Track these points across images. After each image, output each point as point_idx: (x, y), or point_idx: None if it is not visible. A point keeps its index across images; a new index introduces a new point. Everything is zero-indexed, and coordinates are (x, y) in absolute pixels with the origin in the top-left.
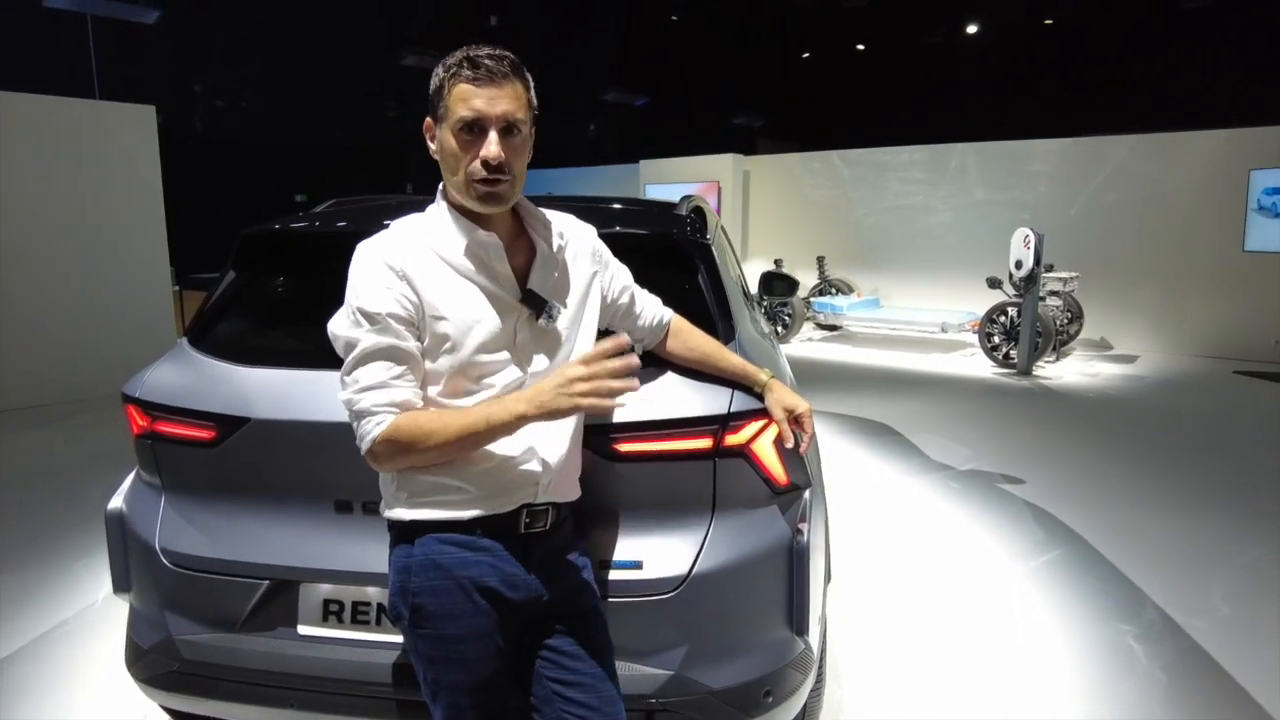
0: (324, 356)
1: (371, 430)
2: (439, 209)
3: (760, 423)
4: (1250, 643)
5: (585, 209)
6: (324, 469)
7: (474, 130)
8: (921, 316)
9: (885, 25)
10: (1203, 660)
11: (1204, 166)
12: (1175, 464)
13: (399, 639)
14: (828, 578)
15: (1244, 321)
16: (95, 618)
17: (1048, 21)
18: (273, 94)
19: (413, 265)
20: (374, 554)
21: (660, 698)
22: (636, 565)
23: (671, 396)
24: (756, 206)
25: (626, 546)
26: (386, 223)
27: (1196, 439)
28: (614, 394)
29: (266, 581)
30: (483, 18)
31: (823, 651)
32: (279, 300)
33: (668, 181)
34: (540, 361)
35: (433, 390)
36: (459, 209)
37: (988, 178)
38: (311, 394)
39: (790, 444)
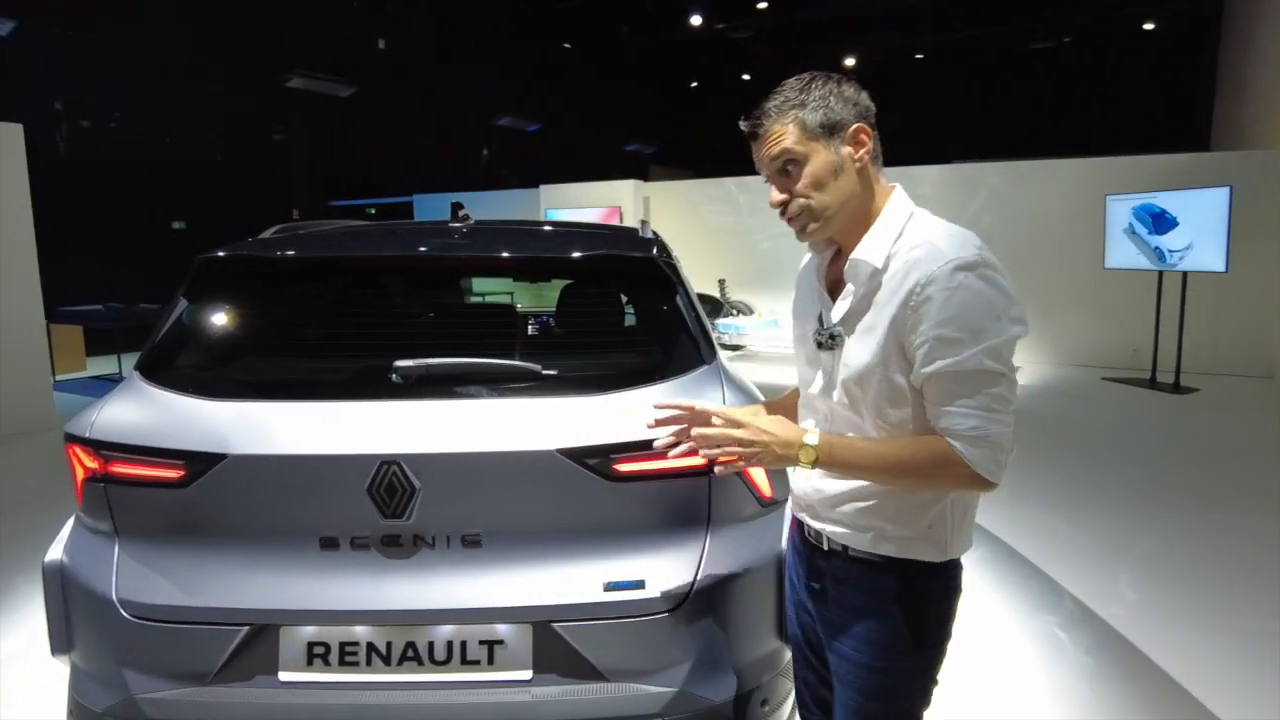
0: (302, 388)
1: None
2: None
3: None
4: (1158, 623)
5: (556, 234)
6: (308, 505)
7: (770, 179)
8: None
9: (770, 57)
10: (1120, 642)
11: (1067, 192)
12: (1067, 465)
13: (390, 678)
14: None
15: (1106, 333)
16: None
17: (919, 56)
18: (147, 114)
19: None
20: (364, 591)
21: (666, 715)
22: (639, 585)
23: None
24: (657, 231)
25: (628, 566)
26: (352, 254)
27: (1079, 441)
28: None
29: (245, 628)
30: (371, 41)
31: None
32: (244, 329)
33: (569, 206)
34: (817, 383)
35: None
36: None
37: None
38: (295, 427)
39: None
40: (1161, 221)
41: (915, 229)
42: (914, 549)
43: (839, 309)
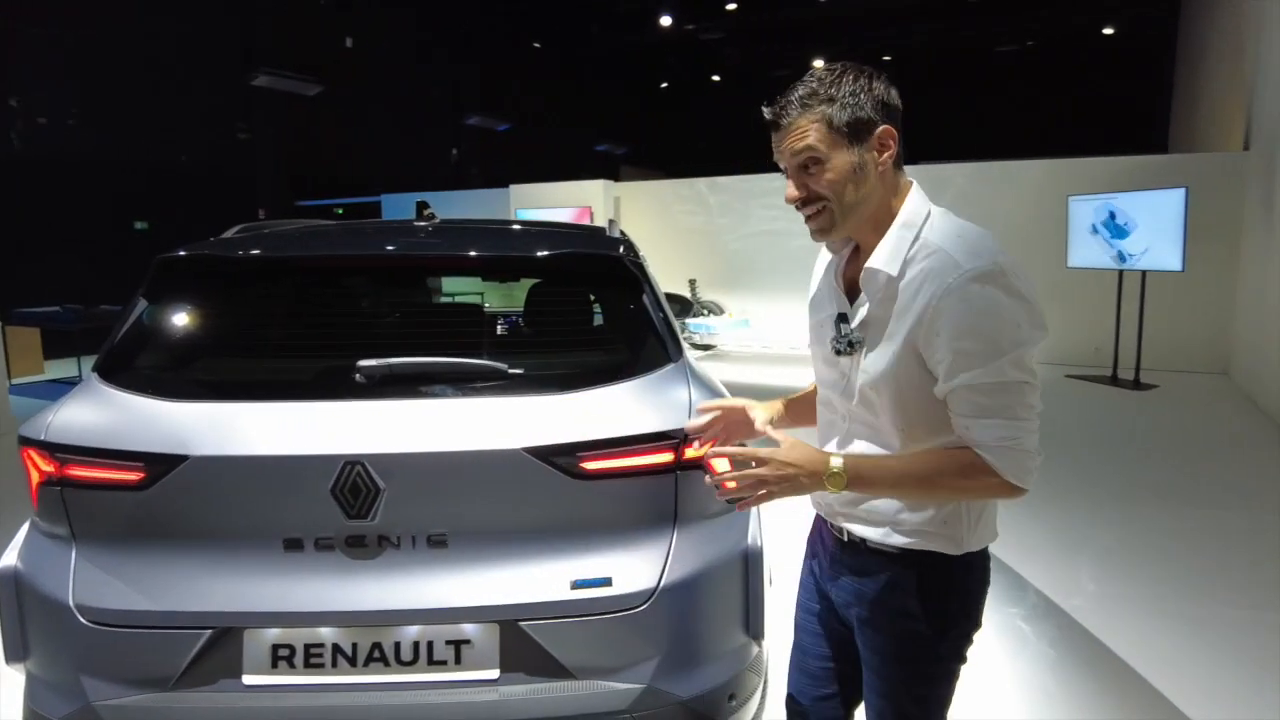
0: (264, 388)
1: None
2: None
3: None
4: (1117, 614)
5: (522, 233)
6: (271, 506)
7: (789, 173)
8: (788, 335)
9: (740, 58)
10: (1081, 633)
11: (1030, 193)
12: None
13: (356, 679)
14: (769, 582)
15: (1069, 331)
16: None
17: (886, 58)
18: (107, 111)
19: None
20: (330, 593)
21: (634, 712)
22: (606, 582)
23: (633, 414)
24: (628, 231)
25: (595, 564)
26: (315, 253)
27: (1044, 438)
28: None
29: (208, 631)
30: (339, 39)
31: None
32: (206, 330)
33: (539, 206)
34: (835, 383)
35: None
36: None
37: None
38: (257, 428)
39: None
40: (1114, 225)
41: (931, 232)
42: (930, 542)
43: (857, 316)
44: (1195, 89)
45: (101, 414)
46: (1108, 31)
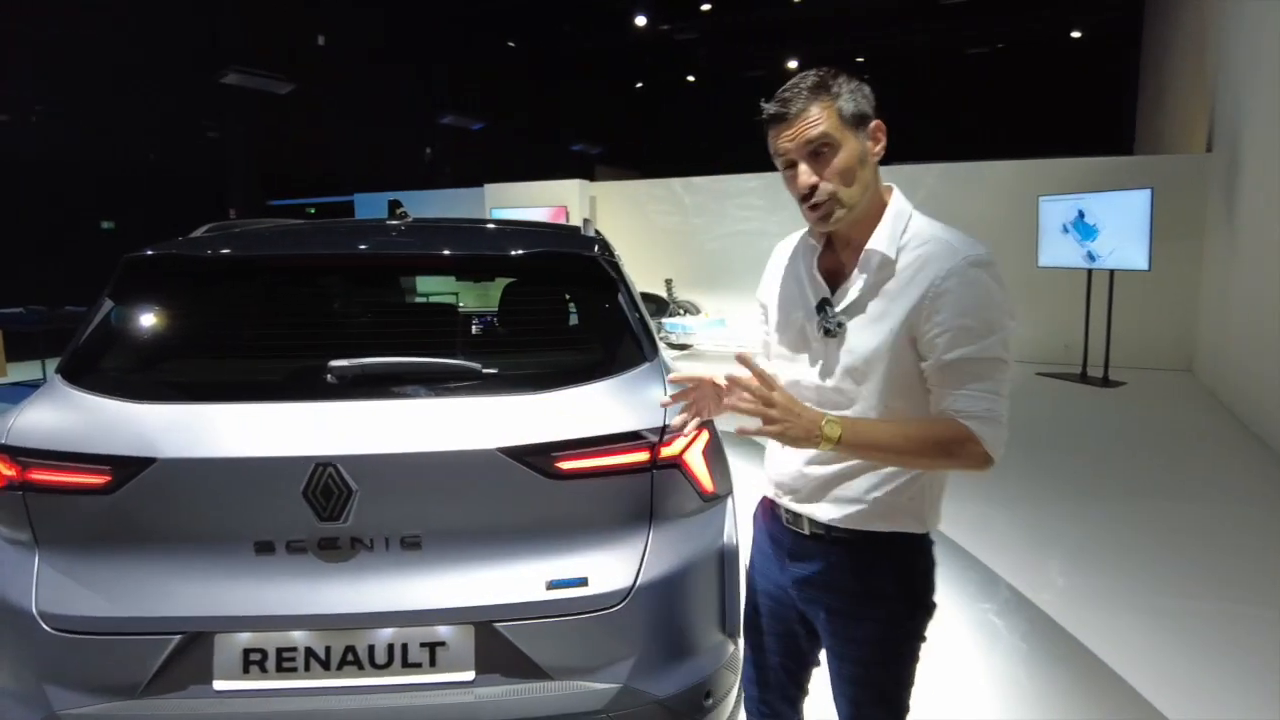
0: (234, 389)
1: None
2: None
3: (691, 433)
4: (1085, 607)
5: (496, 232)
6: (241, 509)
7: (791, 167)
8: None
9: (714, 58)
10: (1051, 627)
11: (1001, 193)
12: (1004, 458)
13: (329, 683)
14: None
15: (1039, 329)
16: None
17: (859, 59)
18: (73, 109)
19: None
20: (302, 596)
21: (610, 711)
22: (582, 582)
23: (608, 413)
24: (603, 231)
25: (571, 564)
26: (285, 252)
27: (1015, 434)
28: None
29: (176, 636)
30: (310, 36)
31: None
32: (174, 330)
33: (514, 206)
34: (808, 369)
35: None
36: None
37: None
38: (227, 429)
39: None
40: (1084, 225)
41: (918, 226)
42: (899, 522)
43: (843, 296)
44: (1160, 92)
45: (66, 416)
46: (1075, 35)
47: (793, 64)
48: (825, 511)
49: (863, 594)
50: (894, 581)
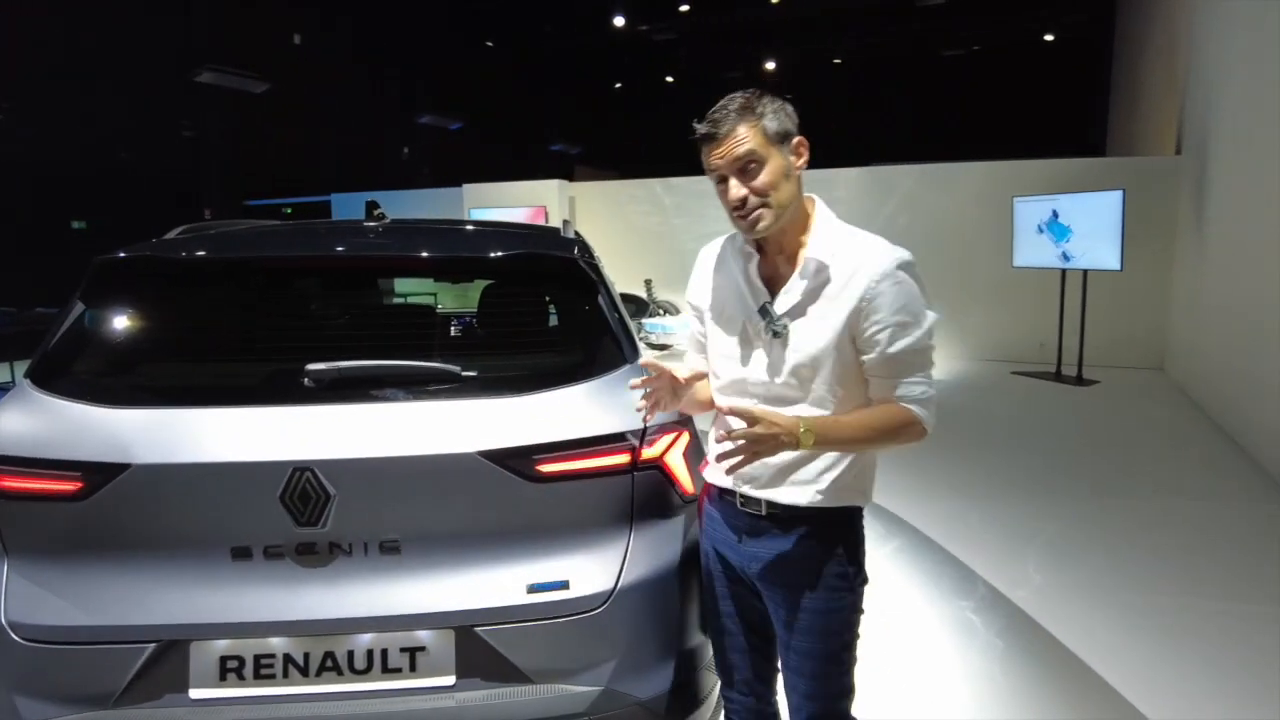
0: (209, 393)
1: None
2: None
3: (672, 435)
4: (1062, 603)
5: (475, 233)
6: (218, 515)
7: (723, 181)
8: None
9: (692, 59)
10: (1028, 623)
11: (976, 194)
12: (980, 457)
13: (308, 689)
14: None
15: (1014, 328)
16: None
17: (836, 61)
18: (43, 107)
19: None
20: (280, 602)
21: (592, 714)
22: (563, 585)
23: (588, 415)
24: (583, 231)
25: (552, 567)
26: (260, 254)
27: (990, 432)
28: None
29: (151, 644)
30: (287, 35)
31: None
32: (147, 333)
33: (493, 206)
34: (755, 369)
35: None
36: None
37: None
38: (202, 434)
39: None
40: (1058, 225)
41: (844, 232)
42: (847, 498)
43: (785, 300)
44: (1132, 95)
45: (35, 422)
46: (1049, 38)
47: (770, 65)
48: (786, 495)
49: (815, 565)
50: (841, 553)
